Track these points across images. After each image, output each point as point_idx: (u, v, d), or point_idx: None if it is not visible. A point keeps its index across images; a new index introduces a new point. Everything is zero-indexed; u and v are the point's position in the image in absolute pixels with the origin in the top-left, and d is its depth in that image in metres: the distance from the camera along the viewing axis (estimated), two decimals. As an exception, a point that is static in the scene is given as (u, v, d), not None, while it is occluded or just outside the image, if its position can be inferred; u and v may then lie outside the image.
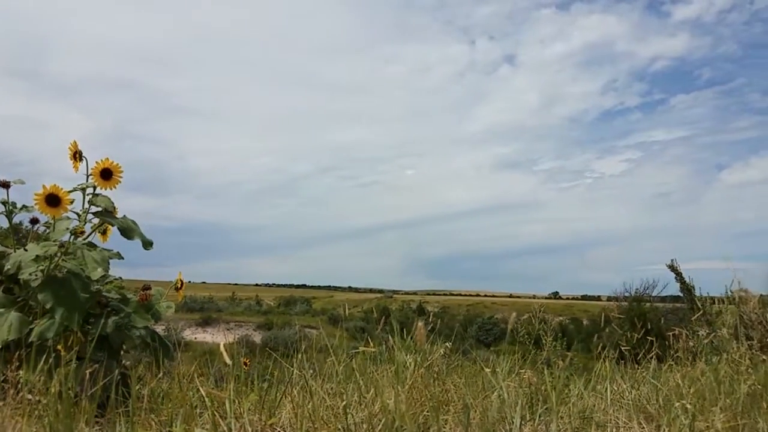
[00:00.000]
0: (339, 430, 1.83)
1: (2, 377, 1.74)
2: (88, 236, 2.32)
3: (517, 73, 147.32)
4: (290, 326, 30.07)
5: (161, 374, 2.23)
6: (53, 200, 2.11)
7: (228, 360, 1.62)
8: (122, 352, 2.26)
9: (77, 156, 2.24)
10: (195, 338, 27.25)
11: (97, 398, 1.73)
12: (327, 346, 2.50)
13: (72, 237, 2.23)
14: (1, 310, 2.03)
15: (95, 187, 2.26)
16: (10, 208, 2.34)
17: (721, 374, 2.58)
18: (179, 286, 2.50)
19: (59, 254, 2.11)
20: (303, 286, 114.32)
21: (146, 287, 2.35)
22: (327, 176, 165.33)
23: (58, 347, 1.98)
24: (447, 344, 2.79)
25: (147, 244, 2.35)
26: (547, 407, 2.14)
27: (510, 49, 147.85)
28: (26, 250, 2.14)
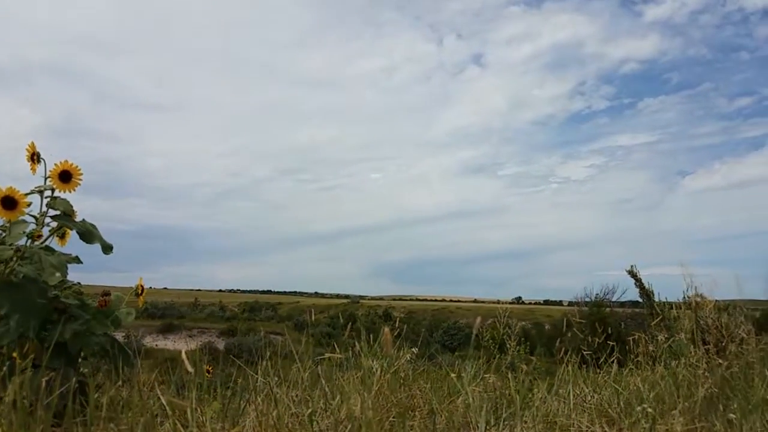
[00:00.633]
0: (304, 438, 1.81)
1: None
2: (46, 240, 2.25)
3: (484, 75, 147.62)
4: (255, 332, 29.73)
5: (121, 382, 2.18)
6: (9, 203, 2.04)
7: (190, 367, 1.59)
8: (80, 360, 2.20)
9: (35, 158, 2.18)
10: (156, 345, 26.78)
11: (54, 407, 1.68)
12: (292, 353, 2.48)
13: (29, 241, 2.16)
14: (-48, 317, 1.96)
15: (53, 190, 2.19)
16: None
17: (680, 378, 2.65)
18: (140, 292, 2.44)
19: (15, 258, 2.05)
20: (268, 292, 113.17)
21: (106, 293, 2.29)
22: (290, 179, 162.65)
23: (14, 354, 1.92)
24: (413, 350, 2.80)
25: (107, 249, 2.29)
26: (512, 411, 2.16)
27: (478, 48, 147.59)
28: (-21, 255, 2.06)
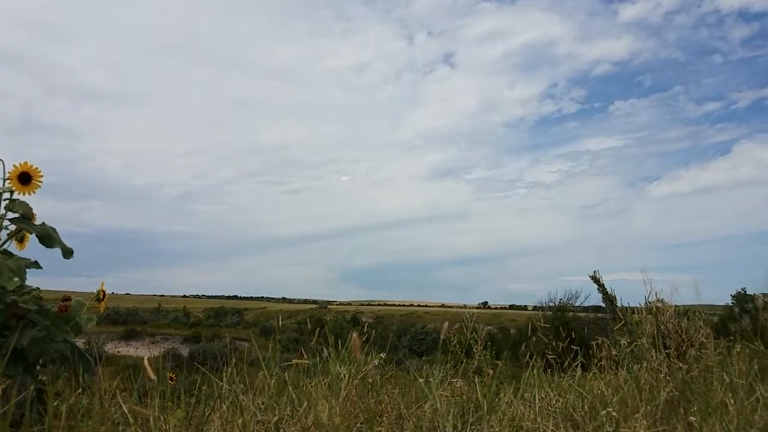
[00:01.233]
0: (271, 445, 1.80)
1: None
2: (4, 244, 2.18)
3: (455, 75, 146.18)
4: (220, 339, 29.32)
5: (81, 390, 2.12)
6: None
7: (153, 374, 1.56)
8: (39, 367, 2.14)
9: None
10: (118, 352, 26.18)
11: (11, 416, 1.62)
12: (259, 359, 2.45)
13: (-15, 245, 2.09)
14: None
15: (12, 192, 2.13)
16: None
17: (642, 382, 2.71)
18: (101, 297, 2.39)
19: (-31, 263, 1.98)
20: (234, 297, 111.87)
21: (66, 298, 2.23)
22: (255, 181, 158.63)
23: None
24: (381, 355, 2.80)
25: (67, 253, 2.24)
26: (479, 416, 2.18)
27: (449, 47, 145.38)
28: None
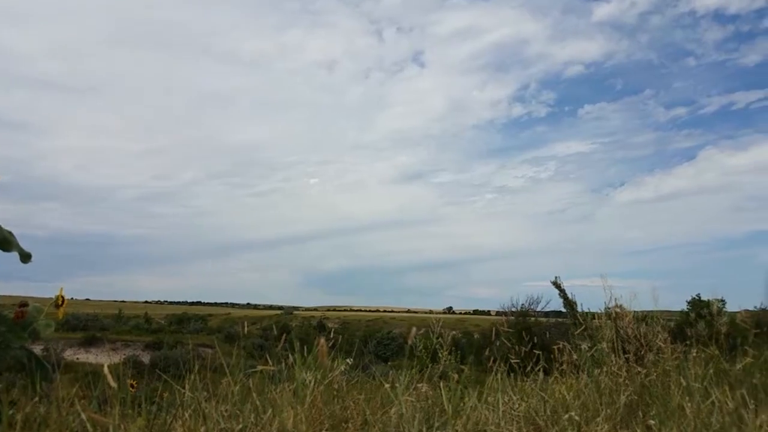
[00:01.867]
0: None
1: None
2: (-44, 248, 2.11)
3: (424, 74, 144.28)
4: (182, 345, 28.80)
5: (38, 398, 2.06)
6: None
7: (113, 382, 1.53)
8: (-7, 375, 2.07)
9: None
10: (77, 359, 25.48)
11: (-38, 427, 1.57)
12: (222, 366, 2.42)
13: (-63, 249, 2.02)
14: None
15: (-33, 194, 2.07)
16: None
17: (602, 386, 2.77)
18: (60, 303, 2.33)
19: None
20: (198, 303, 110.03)
21: (23, 304, 2.17)
22: (220, 182, 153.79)
23: None
24: (348, 360, 2.79)
25: (25, 257, 2.18)
26: (444, 421, 2.19)
27: (418, 44, 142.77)
28: None
